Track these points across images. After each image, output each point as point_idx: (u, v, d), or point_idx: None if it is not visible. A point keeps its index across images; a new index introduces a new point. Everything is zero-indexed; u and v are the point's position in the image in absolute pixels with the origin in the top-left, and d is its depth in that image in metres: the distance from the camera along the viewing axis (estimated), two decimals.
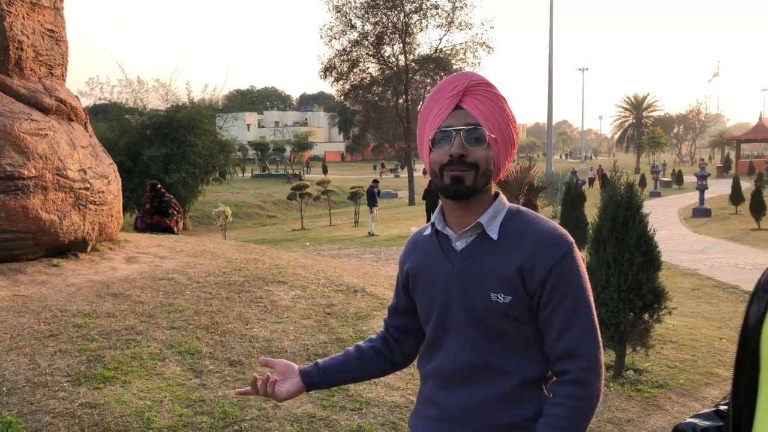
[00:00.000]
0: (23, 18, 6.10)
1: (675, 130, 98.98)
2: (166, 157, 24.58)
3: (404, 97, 40.50)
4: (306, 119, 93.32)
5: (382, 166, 60.38)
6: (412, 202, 37.35)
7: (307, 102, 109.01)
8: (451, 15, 38.36)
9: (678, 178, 41.75)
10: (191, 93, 26.81)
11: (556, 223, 1.49)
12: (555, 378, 1.43)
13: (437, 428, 1.51)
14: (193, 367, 4.30)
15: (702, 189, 23.15)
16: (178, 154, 25.10)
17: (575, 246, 1.44)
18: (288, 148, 67.08)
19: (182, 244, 7.93)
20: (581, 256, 1.46)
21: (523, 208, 1.51)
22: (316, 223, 28.27)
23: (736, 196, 23.05)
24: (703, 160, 36.14)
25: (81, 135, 6.53)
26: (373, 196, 21.64)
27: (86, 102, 27.78)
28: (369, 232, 20.35)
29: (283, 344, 4.83)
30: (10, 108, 5.71)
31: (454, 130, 1.42)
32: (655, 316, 5.28)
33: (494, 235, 1.45)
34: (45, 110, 6.11)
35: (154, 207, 10.96)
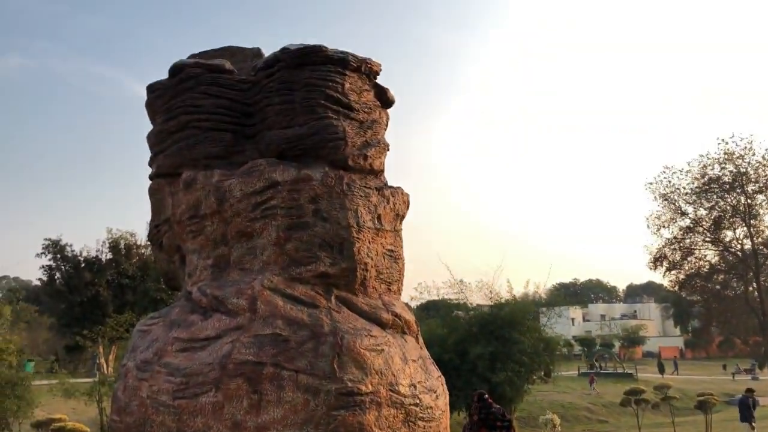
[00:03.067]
0: (368, 242, 6.96)
1: None
2: (492, 356, 24.79)
3: (755, 285, 35.23)
4: (635, 311, 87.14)
5: (738, 367, 51.56)
6: None
7: (635, 293, 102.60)
8: None
9: None
10: (513, 290, 27.37)
11: None
12: None
13: None
14: None
15: None
16: (504, 352, 25.11)
17: None
18: (616, 344, 62.59)
19: None
20: None
21: None
22: None
23: None
24: None
25: (412, 348, 6.85)
26: (748, 409, 17.88)
27: (415, 303, 30.48)
28: None
29: None
30: (354, 325, 6.31)
31: None
32: None
33: None
34: (382, 325, 6.62)
35: (482, 419, 10.81)
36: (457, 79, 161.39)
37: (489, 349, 24.78)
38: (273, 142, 7.30)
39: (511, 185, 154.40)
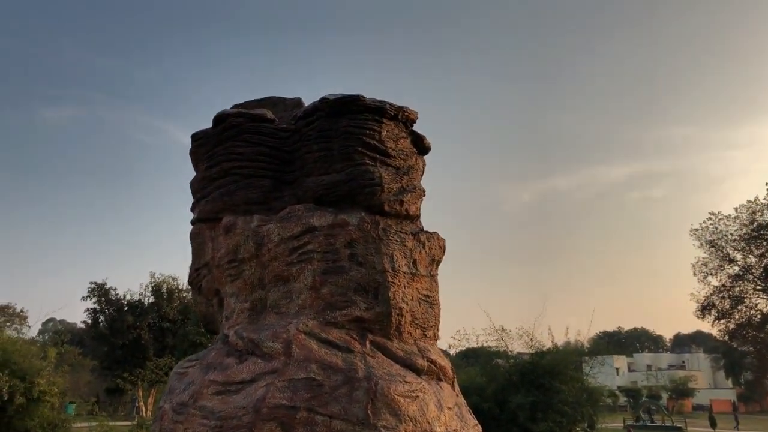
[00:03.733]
0: (404, 287, 6.98)
1: None
2: (533, 405, 24.11)
3: None
4: (683, 362, 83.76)
5: None
6: None
7: (683, 343, 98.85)
8: None
9: None
10: (554, 338, 26.74)
11: None
12: None
13: None
14: None
15: None
16: (544, 402, 24.41)
17: None
18: (664, 395, 60.06)
19: None
20: None
21: None
22: None
23: None
24: None
25: (448, 395, 6.76)
26: None
27: (453, 351, 29.99)
28: None
29: None
30: (388, 370, 6.29)
31: None
32: None
33: None
34: (417, 371, 6.58)
35: None
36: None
37: (529, 398, 24.12)
38: (310, 189, 7.47)
39: (550, 229, 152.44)
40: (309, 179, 7.52)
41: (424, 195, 8.04)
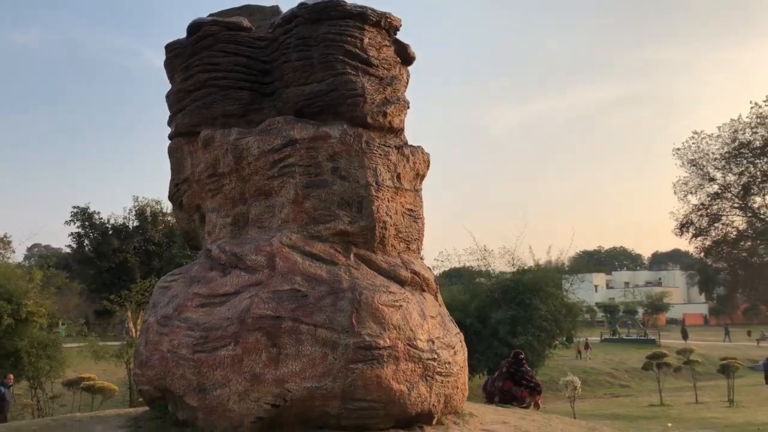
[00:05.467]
0: (388, 201, 6.90)
1: None
2: (513, 320, 24.85)
3: None
4: (660, 279, 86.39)
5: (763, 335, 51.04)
6: None
7: (660, 261, 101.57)
8: None
9: None
10: (535, 256, 27.27)
11: None
12: None
13: None
14: None
15: None
16: (524, 317, 25.17)
17: None
18: (640, 310, 62.21)
19: (528, 422, 7.41)
20: None
21: None
22: (677, 398, 24.57)
23: None
24: None
25: (431, 305, 6.84)
26: None
27: (437, 271, 30.59)
28: None
29: None
30: (372, 281, 6.31)
31: None
32: None
33: None
34: (401, 282, 6.61)
35: (510, 373, 11.10)
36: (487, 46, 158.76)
37: (510, 314, 24.83)
38: (290, 100, 7.23)
39: (534, 150, 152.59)
40: (289, 90, 7.27)
41: (408, 107, 7.83)
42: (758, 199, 35.54)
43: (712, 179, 35.89)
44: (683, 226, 37.23)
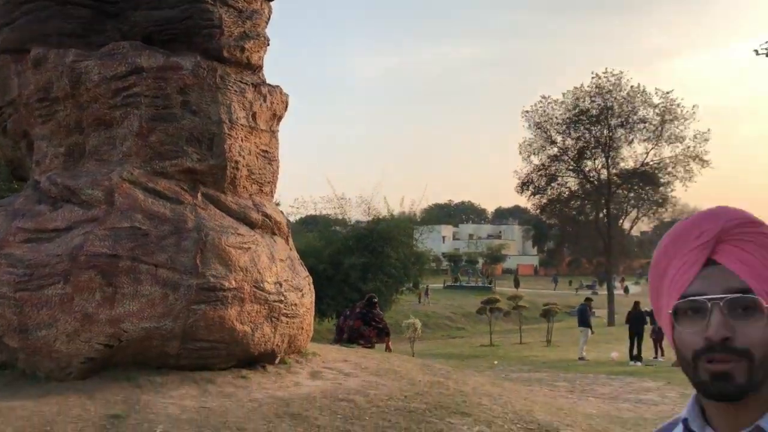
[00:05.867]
0: (241, 140, 6.71)
1: None
2: (364, 267, 25.62)
3: (605, 211, 38.63)
4: (500, 232, 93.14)
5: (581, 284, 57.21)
6: (611, 322, 34.41)
7: (502, 216, 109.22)
8: (660, 129, 36.55)
9: None
10: (390, 207, 28.14)
11: None
12: None
13: None
14: None
15: None
16: (376, 264, 26.05)
17: None
18: (480, 260, 66.93)
19: (368, 360, 7.77)
20: None
21: None
22: (505, 339, 27.06)
23: None
24: None
25: (281, 248, 6.83)
26: (585, 315, 19.68)
27: (293, 218, 30.57)
28: (579, 357, 18.59)
29: None
30: (220, 223, 6.15)
31: (710, 300, 0.98)
32: None
33: None
34: (251, 224, 6.51)
35: (362, 314, 11.54)
36: None
37: (362, 260, 25.57)
38: (139, 24, 6.69)
39: (395, 103, 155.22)
40: (137, 13, 6.71)
41: (268, 44, 7.57)
42: (589, 163, 39.04)
43: (553, 142, 38.76)
44: (524, 185, 40.06)
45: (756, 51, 33.34)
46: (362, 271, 25.46)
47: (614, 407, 9.23)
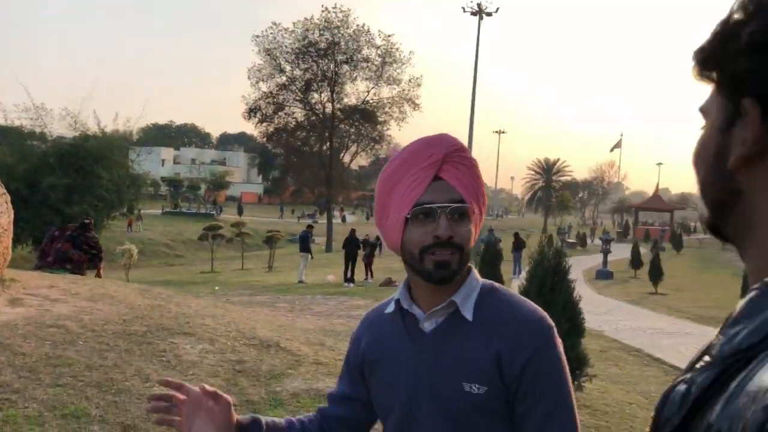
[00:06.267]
0: None
1: (580, 195, 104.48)
2: (69, 188, 23.06)
3: (328, 144, 40.54)
4: (225, 159, 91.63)
5: (303, 213, 59.81)
6: (329, 249, 36.91)
7: (228, 142, 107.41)
8: (380, 69, 39.15)
9: (582, 240, 43.81)
10: (101, 123, 25.47)
11: (533, 303, 1.33)
12: None
13: None
14: None
15: (606, 252, 24.22)
16: (83, 186, 23.63)
17: (555, 330, 1.28)
18: (203, 187, 65.35)
19: (79, 285, 7.19)
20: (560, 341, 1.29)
21: (498, 285, 1.36)
22: (226, 266, 27.26)
23: (635, 261, 24.29)
24: (602, 224, 37.94)
25: None
26: (306, 242, 20.64)
27: None
28: (299, 280, 19.51)
29: None
30: None
31: (439, 207, 1.23)
32: (576, 383, 5.19)
33: (469, 316, 1.28)
34: None
35: (73, 236, 10.37)
36: None
37: (66, 181, 22.98)
38: None
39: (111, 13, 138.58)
40: None
41: None
42: (316, 96, 40.30)
43: (282, 71, 38.96)
44: (252, 111, 39.80)
45: (463, 8, 37.78)
46: (66, 192, 22.88)
47: (329, 323, 10.07)
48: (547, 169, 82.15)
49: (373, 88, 40.66)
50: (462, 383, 1.24)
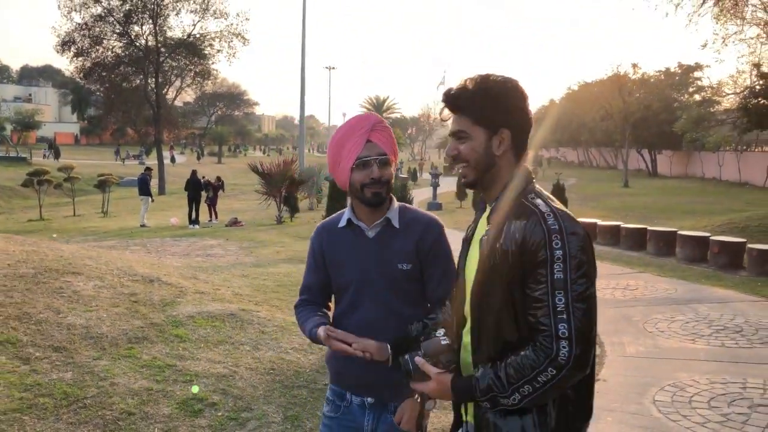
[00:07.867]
0: None
1: (409, 131, 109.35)
2: None
3: (155, 80, 38.58)
4: (30, 95, 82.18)
5: (129, 154, 56.35)
6: (162, 191, 35.81)
7: (31, 75, 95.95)
8: (206, 2, 37.70)
9: (413, 175, 46.90)
10: None
11: (428, 212, 2.23)
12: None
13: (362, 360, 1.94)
14: (19, 355, 4.37)
15: (435, 186, 26.71)
16: None
17: (444, 226, 2.16)
18: (9, 127, 58.72)
19: None
20: None
21: (405, 204, 2.19)
22: (56, 213, 25.78)
23: (461, 193, 27.13)
24: (429, 158, 40.72)
25: None
26: (146, 185, 20.07)
27: None
28: (141, 224, 19.07)
29: (102, 330, 5.06)
30: None
31: (373, 159, 2.01)
32: None
33: (397, 225, 2.08)
34: None
35: None
36: None
37: None
38: None
39: None
40: None
41: None
42: (137, 28, 37.87)
43: (97, 1, 36.00)
44: (65, 44, 36.53)
45: None
46: None
47: (191, 261, 10.67)
48: (378, 106, 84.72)
49: (199, 21, 39.16)
50: (397, 264, 2.03)
